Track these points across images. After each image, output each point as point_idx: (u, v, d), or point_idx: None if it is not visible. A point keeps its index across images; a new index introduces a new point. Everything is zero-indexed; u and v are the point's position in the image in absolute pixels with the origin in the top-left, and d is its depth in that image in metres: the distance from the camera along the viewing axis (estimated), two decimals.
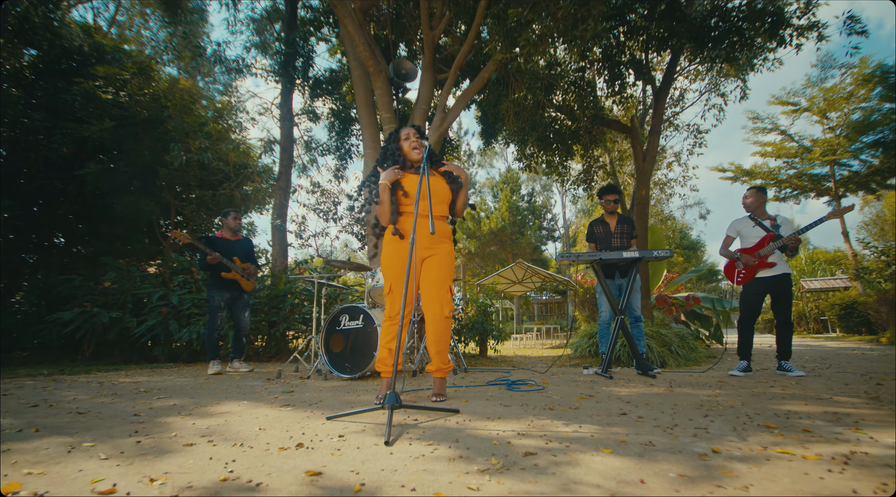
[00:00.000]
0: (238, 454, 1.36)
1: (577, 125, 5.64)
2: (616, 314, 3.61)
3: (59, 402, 2.49)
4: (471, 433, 1.60)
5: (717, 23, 5.01)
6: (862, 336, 11.07)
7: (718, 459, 1.23)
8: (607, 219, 4.09)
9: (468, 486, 1.05)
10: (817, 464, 1.18)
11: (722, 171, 15.73)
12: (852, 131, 10.69)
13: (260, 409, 2.19)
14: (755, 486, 1.03)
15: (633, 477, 1.10)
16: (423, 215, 2.23)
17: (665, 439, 1.47)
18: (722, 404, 2.12)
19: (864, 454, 1.27)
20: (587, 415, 1.91)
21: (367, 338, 3.39)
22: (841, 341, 9.94)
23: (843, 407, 2.01)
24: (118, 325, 5.95)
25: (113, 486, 1.09)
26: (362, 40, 5.32)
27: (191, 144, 6.84)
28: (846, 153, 12.51)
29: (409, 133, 2.47)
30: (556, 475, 1.12)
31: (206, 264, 4.00)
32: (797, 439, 1.44)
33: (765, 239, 3.54)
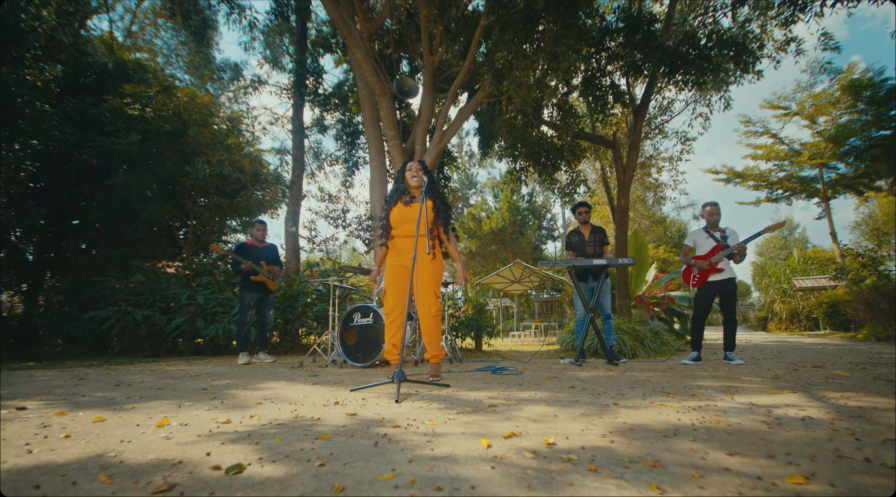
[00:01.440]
0: (296, 407, 2.03)
1: (561, 143, 6.28)
2: (588, 312, 4.27)
3: (133, 383, 3.18)
4: (456, 397, 2.27)
5: (688, 50, 5.62)
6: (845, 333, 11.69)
7: (613, 407, 1.90)
8: (582, 229, 4.73)
9: (448, 417, 1.72)
10: (673, 410, 1.84)
11: (715, 173, 16.31)
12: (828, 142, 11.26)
13: (297, 385, 2.87)
14: (624, 416, 1.69)
15: (552, 413, 1.77)
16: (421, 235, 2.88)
17: (589, 398, 2.13)
18: (651, 381, 2.78)
19: (714, 406, 1.93)
20: (545, 388, 2.58)
21: (377, 333, 4.06)
22: (824, 338, 10.55)
23: (740, 383, 2.66)
24: (149, 323, 6.65)
25: (227, 420, 1.77)
26: (370, 67, 5.97)
27: (211, 157, 7.52)
28: (833, 157, 13.06)
29: (413, 165, 3.13)
30: (504, 414, 1.79)
31: (239, 269, 4.69)
32: (678, 399, 2.11)
33: (715, 248, 4.19)
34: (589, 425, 1.57)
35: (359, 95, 7.02)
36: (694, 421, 1.62)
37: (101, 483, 1.02)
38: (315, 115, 8.86)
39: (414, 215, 2.91)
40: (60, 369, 4.55)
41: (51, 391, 2.68)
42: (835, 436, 1.38)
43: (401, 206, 3.01)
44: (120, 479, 1.04)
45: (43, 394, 2.54)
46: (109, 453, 1.27)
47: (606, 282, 4.43)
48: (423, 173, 3.08)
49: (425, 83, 6.57)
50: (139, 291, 7.13)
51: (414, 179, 3.08)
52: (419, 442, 1.37)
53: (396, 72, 8.30)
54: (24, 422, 1.75)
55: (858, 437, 1.36)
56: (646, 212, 17.09)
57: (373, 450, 1.28)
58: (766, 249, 34.09)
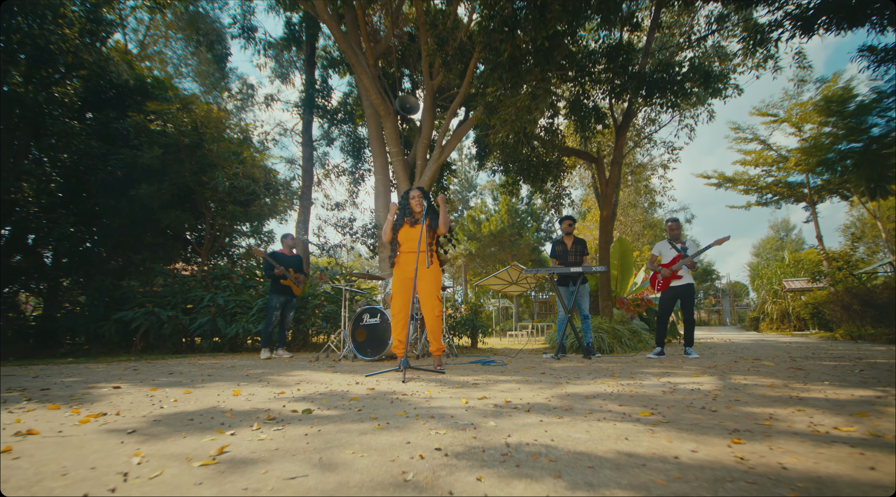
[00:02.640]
0: (328, 385, 2.72)
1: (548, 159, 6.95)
2: (567, 313, 4.96)
3: (182, 372, 3.86)
4: (448, 379, 2.96)
5: (663, 76, 6.28)
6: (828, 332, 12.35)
7: (564, 385, 2.59)
8: (566, 240, 5.42)
9: (441, 390, 2.41)
10: (607, 386, 2.53)
11: (707, 178, 16.98)
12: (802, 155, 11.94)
13: (320, 373, 3.56)
14: (568, 389, 2.38)
15: (517, 388, 2.46)
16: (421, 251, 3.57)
17: (550, 380, 2.82)
18: (608, 370, 3.47)
19: (639, 383, 2.61)
20: (520, 374, 3.27)
21: (384, 330, 4.75)
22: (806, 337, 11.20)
23: (677, 370, 3.35)
24: (172, 322, 7.34)
25: (282, 391, 2.46)
26: (375, 91, 6.67)
27: (227, 169, 8.21)
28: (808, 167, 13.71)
29: (415, 194, 3.82)
30: (482, 388, 2.48)
31: (271, 273, 5.40)
32: (617, 380, 2.79)
33: (676, 258, 4.87)
34: (539, 393, 2.26)
35: (365, 113, 7.70)
36: (614, 391, 2.31)
37: (229, 418, 1.71)
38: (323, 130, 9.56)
39: (416, 235, 3.59)
40: (107, 363, 5.25)
41: (121, 378, 3.37)
42: (701, 398, 2.07)
43: (407, 227, 3.70)
44: (238, 417, 1.73)
45: (116, 380, 3.23)
46: (219, 407, 1.96)
47: (584, 286, 5.11)
48: (423, 199, 3.77)
49: (425, 104, 7.25)
50: (162, 293, 7.83)
51: (417, 205, 3.77)
52: (420, 401, 2.06)
53: (399, 87, 8.99)
54: (131, 394, 2.44)
55: (718, 398, 2.04)
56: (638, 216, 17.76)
57: (391, 404, 1.97)
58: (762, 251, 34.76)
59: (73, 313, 9.51)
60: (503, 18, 3.80)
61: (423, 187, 4.28)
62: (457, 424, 1.54)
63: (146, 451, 1.23)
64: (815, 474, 0.99)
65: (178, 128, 8.52)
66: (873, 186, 9.11)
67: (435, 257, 3.79)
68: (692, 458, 1.13)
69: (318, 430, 1.48)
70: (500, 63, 4.11)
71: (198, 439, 1.36)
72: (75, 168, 8.65)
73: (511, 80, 4.30)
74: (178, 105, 8.43)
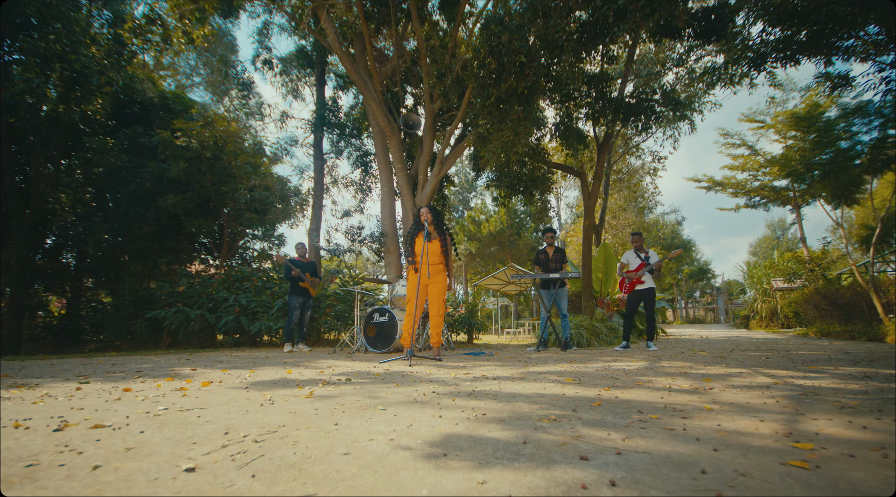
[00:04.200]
0: (352, 369, 3.67)
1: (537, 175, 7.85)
2: (547, 313, 5.90)
3: (229, 361, 4.81)
4: (444, 365, 3.91)
5: (637, 103, 7.16)
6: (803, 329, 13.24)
7: (530, 367, 3.53)
8: (548, 249, 6.33)
9: (437, 370, 3.36)
10: (562, 367, 3.47)
11: (697, 182, 17.84)
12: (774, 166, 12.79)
13: (342, 361, 4.51)
14: (530, 369, 3.32)
15: (493, 368, 3.40)
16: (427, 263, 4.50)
17: (522, 365, 3.77)
18: (573, 359, 4.41)
19: (585, 366, 3.54)
20: (501, 361, 4.20)
21: (391, 327, 5.69)
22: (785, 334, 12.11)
23: (626, 359, 4.27)
24: (200, 320, 8.29)
25: (322, 370, 3.40)
26: (382, 115, 7.58)
27: (246, 182, 9.15)
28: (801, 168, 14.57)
29: (424, 211, 4.73)
30: (468, 369, 3.42)
31: (290, 276, 6.34)
32: (572, 364, 3.73)
33: (640, 266, 5.78)
34: (507, 371, 3.19)
35: (372, 132, 8.63)
36: (563, 370, 3.25)
37: (297, 383, 2.65)
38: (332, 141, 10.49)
39: (430, 249, 4.52)
40: (154, 355, 6.20)
41: (185, 365, 4.32)
42: (620, 374, 2.99)
43: (421, 239, 4.60)
44: (304, 383, 2.67)
45: (183, 366, 4.18)
46: (285, 378, 2.90)
47: (563, 289, 6.04)
48: (432, 216, 4.68)
49: (426, 125, 8.16)
50: (187, 294, 8.78)
51: (426, 221, 4.69)
52: (423, 375, 3.00)
53: (402, 103, 9.91)
54: (210, 373, 3.38)
55: (629, 373, 2.97)
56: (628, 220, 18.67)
57: (402, 377, 2.92)
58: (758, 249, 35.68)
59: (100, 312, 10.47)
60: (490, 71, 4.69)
61: (426, 202, 5.18)
62: (445, 383, 2.48)
63: (269, 394, 2.17)
64: (640, 400, 1.92)
65: (202, 143, 9.45)
66: (840, 195, 10.00)
67: (442, 268, 4.69)
68: (573, 394, 2.07)
69: (360, 387, 2.42)
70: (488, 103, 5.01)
71: (291, 390, 2.30)
72: (108, 180, 9.59)
73: (498, 116, 5.19)
74: (202, 122, 9.34)
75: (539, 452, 1.15)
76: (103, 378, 3.01)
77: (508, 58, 4.44)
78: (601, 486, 0.92)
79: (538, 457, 1.12)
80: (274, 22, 8.92)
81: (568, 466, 1.04)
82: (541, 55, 4.57)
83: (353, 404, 1.87)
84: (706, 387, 2.31)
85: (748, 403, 1.82)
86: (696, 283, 30.83)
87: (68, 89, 9.36)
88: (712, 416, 1.59)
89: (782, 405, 1.78)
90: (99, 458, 1.11)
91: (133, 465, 1.06)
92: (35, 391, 2.35)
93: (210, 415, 1.68)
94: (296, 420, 1.56)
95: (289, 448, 1.21)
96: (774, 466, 1.03)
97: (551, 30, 4.69)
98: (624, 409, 1.74)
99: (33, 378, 3.02)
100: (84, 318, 10.45)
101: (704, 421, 1.51)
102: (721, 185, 17.30)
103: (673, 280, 25.45)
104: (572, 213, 29.73)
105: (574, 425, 1.46)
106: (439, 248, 4.63)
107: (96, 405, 1.90)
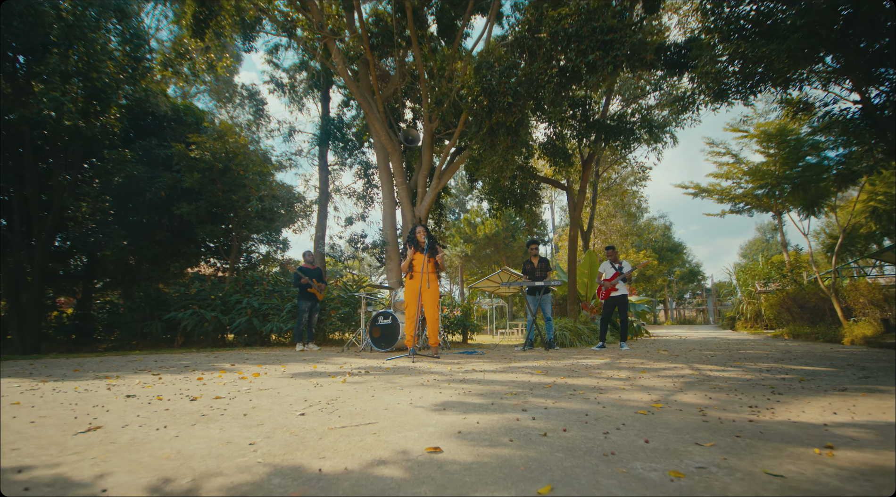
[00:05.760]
0: (366, 364, 4.49)
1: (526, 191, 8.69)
2: (533, 316, 6.73)
3: (252, 359, 5.61)
4: (441, 362, 4.74)
5: (618, 124, 8.00)
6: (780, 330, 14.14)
7: (511, 363, 4.36)
8: (533, 259, 7.16)
9: (436, 366, 4.19)
10: (538, 363, 4.30)
11: (685, 188, 18.76)
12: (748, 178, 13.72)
13: (354, 359, 5.32)
14: (512, 364, 4.15)
15: (481, 363, 4.24)
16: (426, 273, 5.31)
17: (506, 361, 4.60)
18: (550, 356, 5.24)
19: (556, 362, 4.37)
20: (490, 359, 5.04)
21: (395, 329, 6.50)
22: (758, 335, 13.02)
23: (597, 357, 5.11)
24: (214, 322, 9.06)
25: (341, 366, 4.22)
26: (384, 133, 8.38)
27: (255, 192, 9.92)
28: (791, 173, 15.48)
29: (420, 230, 5.55)
30: (461, 365, 4.25)
31: (299, 282, 7.13)
32: (547, 360, 4.57)
33: (614, 275, 6.63)
34: (493, 366, 4.02)
35: (374, 148, 9.42)
36: (537, 365, 4.08)
37: (328, 374, 3.46)
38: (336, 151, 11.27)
39: (423, 262, 5.34)
40: (181, 354, 6.98)
41: (219, 361, 5.11)
42: (583, 368, 3.82)
43: (419, 254, 5.42)
44: (334, 374, 3.48)
45: (220, 363, 4.98)
46: (316, 371, 3.72)
47: (547, 295, 6.88)
48: (426, 235, 5.50)
49: (424, 141, 8.96)
50: (201, 296, 9.54)
51: (421, 238, 5.51)
52: (424, 369, 3.82)
53: (402, 116, 10.71)
54: (248, 369, 4.18)
55: (590, 368, 3.80)
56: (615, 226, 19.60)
57: (408, 370, 3.74)
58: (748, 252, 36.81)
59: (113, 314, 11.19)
60: (482, 106, 5.49)
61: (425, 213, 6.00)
62: (443, 374, 3.31)
63: (314, 381, 2.98)
64: (581, 384, 2.75)
65: (214, 155, 10.20)
66: (809, 206, 10.91)
67: (434, 278, 5.54)
68: (536, 381, 2.90)
69: (379, 376, 3.24)
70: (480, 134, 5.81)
71: (326, 379, 3.12)
72: (126, 189, 10.31)
73: (489, 143, 6.00)
74: (215, 135, 10.10)
75: (499, 408, 1.98)
76: (163, 371, 3.81)
77: (498, 97, 5.25)
78: (528, 420, 1.74)
79: (497, 409, 1.94)
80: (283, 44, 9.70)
81: (513, 413, 1.86)
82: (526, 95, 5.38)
83: (379, 386, 2.69)
84: (637, 376, 3.14)
85: (653, 386, 2.66)
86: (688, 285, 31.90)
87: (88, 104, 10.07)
88: (621, 392, 2.42)
89: (676, 387, 2.62)
90: (239, 412, 1.93)
91: (264, 414, 1.87)
92: (125, 380, 3.15)
93: (286, 392, 2.49)
94: (344, 394, 2.38)
95: (350, 406, 2.02)
96: (629, 414, 1.86)
97: (535, 71, 5.50)
98: (565, 389, 2.57)
99: (104, 372, 3.82)
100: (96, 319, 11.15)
101: (612, 395, 2.34)
102: (707, 192, 18.22)
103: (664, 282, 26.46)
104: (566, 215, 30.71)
105: (526, 397, 2.28)
106: (432, 261, 5.45)
107: (193, 387, 2.71)
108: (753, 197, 18.04)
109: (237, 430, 1.59)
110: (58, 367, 4.56)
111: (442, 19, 8.75)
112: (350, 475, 1.11)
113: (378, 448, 1.35)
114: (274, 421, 1.74)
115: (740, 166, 17.91)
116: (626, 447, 1.35)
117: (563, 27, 4.79)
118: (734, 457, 1.25)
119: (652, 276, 22.54)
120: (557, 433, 1.52)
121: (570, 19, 4.79)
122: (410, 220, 8.69)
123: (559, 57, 5.19)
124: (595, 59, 4.64)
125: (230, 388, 2.69)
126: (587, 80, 5.20)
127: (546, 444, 1.39)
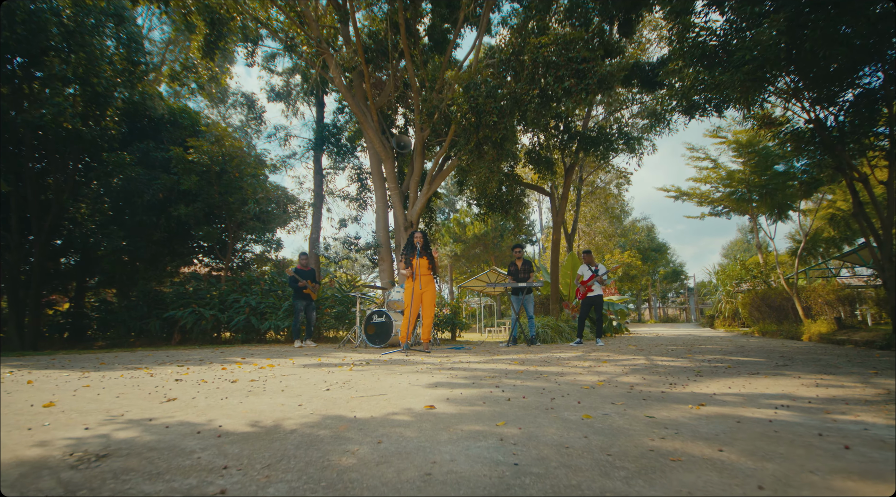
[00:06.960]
0: (365, 358, 5.07)
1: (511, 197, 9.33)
2: (517, 314, 7.38)
3: (257, 354, 6.14)
4: (432, 355, 5.34)
5: (597, 135, 8.66)
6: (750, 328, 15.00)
7: (493, 356, 4.98)
8: (517, 262, 7.80)
9: (427, 359, 4.79)
10: (519, 356, 4.93)
11: (666, 191, 19.61)
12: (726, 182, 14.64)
13: (352, 353, 5.89)
14: (495, 357, 4.77)
15: (467, 357, 4.85)
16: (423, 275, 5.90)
17: (488, 355, 5.23)
18: (530, 351, 5.88)
19: (533, 355, 5.01)
20: (475, 353, 5.65)
21: (388, 326, 7.08)
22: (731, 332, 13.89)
23: (573, 350, 5.76)
24: (212, 320, 9.53)
25: (344, 358, 4.80)
26: (378, 141, 8.93)
27: (251, 195, 10.39)
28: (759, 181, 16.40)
29: (417, 236, 6.13)
30: (449, 357, 4.86)
31: (295, 284, 7.66)
32: (527, 353, 5.20)
33: (591, 277, 7.30)
34: (477, 358, 4.63)
35: (368, 154, 9.96)
36: (516, 357, 4.71)
37: (335, 365, 4.04)
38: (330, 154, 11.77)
39: (421, 264, 5.93)
40: (184, 350, 7.46)
41: (226, 356, 5.64)
42: (555, 359, 4.45)
43: (415, 258, 6.00)
44: (340, 365, 4.06)
45: (227, 357, 5.51)
46: (322, 362, 4.29)
47: (529, 295, 7.53)
48: (422, 241, 6.08)
49: (416, 148, 9.53)
50: (198, 295, 9.99)
51: (418, 243, 6.09)
52: (417, 361, 4.42)
53: (395, 123, 11.25)
54: (258, 361, 4.73)
55: (561, 360, 4.43)
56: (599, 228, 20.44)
57: (403, 362, 4.34)
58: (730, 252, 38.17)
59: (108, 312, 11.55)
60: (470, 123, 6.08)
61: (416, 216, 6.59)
62: (434, 364, 3.91)
63: (325, 370, 3.56)
64: (548, 370, 3.37)
65: (211, 158, 10.63)
66: (776, 212, 11.76)
67: (430, 277, 6.11)
68: (512, 368, 3.52)
69: (379, 366, 3.83)
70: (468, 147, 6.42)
71: (335, 368, 3.69)
72: (124, 191, 10.68)
73: (477, 155, 6.60)
74: (213, 140, 10.52)
75: (478, 385, 2.58)
76: (185, 365, 4.34)
77: (484, 117, 5.84)
78: (499, 392, 2.35)
79: (477, 386, 2.55)
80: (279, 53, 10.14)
81: (488, 388, 2.47)
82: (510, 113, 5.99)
83: (381, 373, 3.28)
84: (598, 365, 3.78)
85: (606, 371, 3.29)
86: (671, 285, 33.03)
87: (88, 108, 10.42)
88: (577, 376, 3.05)
89: (623, 372, 3.25)
90: (277, 389, 2.50)
91: (298, 389, 2.45)
92: (156, 370, 3.69)
93: (305, 377, 3.07)
94: (354, 378, 2.97)
95: (362, 385, 2.61)
96: (576, 389, 2.48)
97: (519, 90, 6.11)
98: (534, 374, 3.19)
99: (129, 365, 4.34)
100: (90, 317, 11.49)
101: (570, 377, 2.97)
102: (687, 195, 19.14)
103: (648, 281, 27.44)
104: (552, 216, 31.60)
105: (501, 379, 2.90)
106: (427, 263, 6.05)
107: (224, 374, 3.26)
108: (730, 200, 19.04)
109: (284, 399, 2.17)
110: (79, 361, 5.05)
111: (433, 34, 9.31)
112: (375, 419, 1.70)
113: (390, 407, 1.95)
114: (308, 393, 2.32)
115: (718, 172, 18.88)
116: (563, 406, 1.97)
117: (542, 55, 5.39)
118: (631, 409, 1.87)
119: (636, 275, 23.46)
120: (518, 399, 2.14)
121: (550, 48, 5.39)
122: (402, 223, 9.25)
123: (540, 80, 5.80)
124: (570, 85, 5.26)
125: (255, 374, 3.25)
126: (564, 103, 5.80)
127: (508, 405, 2.00)
